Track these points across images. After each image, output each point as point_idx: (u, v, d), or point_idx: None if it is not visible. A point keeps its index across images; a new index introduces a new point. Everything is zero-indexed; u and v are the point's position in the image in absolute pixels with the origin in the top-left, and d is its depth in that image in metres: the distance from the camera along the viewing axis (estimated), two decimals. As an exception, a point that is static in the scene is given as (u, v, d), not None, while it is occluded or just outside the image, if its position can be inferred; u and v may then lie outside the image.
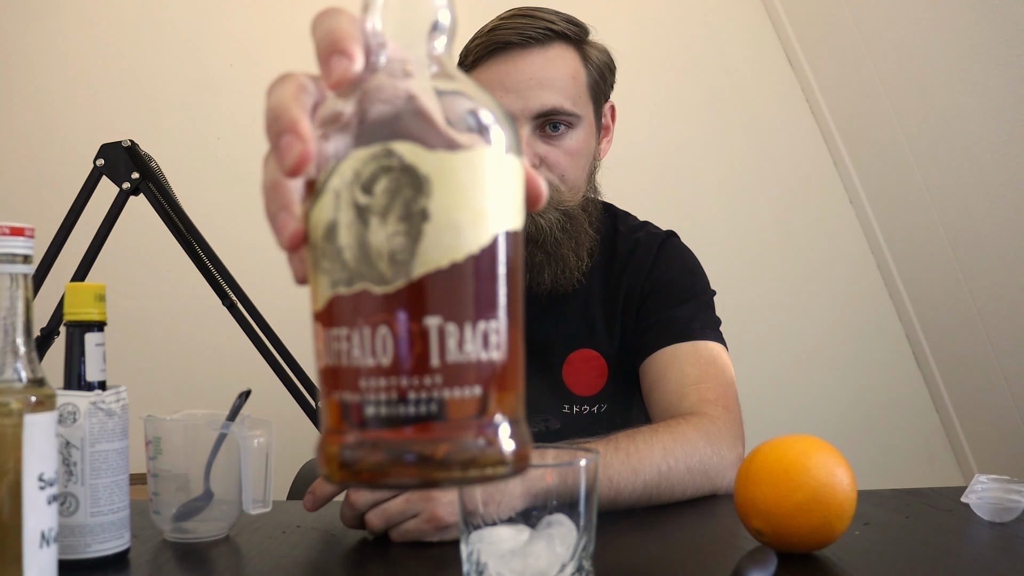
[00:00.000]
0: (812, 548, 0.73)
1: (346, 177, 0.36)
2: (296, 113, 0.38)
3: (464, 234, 0.36)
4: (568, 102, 1.09)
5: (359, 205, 0.36)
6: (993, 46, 1.61)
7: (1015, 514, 0.84)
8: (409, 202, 0.36)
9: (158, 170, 0.90)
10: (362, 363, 0.36)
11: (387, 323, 0.36)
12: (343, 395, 0.37)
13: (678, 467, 0.92)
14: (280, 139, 0.37)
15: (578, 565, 0.59)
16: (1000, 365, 1.87)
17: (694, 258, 1.25)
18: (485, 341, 0.37)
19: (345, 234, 0.36)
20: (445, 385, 0.36)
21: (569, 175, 1.12)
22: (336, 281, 0.37)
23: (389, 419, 0.36)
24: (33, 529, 0.57)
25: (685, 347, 1.11)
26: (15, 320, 0.58)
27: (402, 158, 0.36)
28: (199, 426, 0.79)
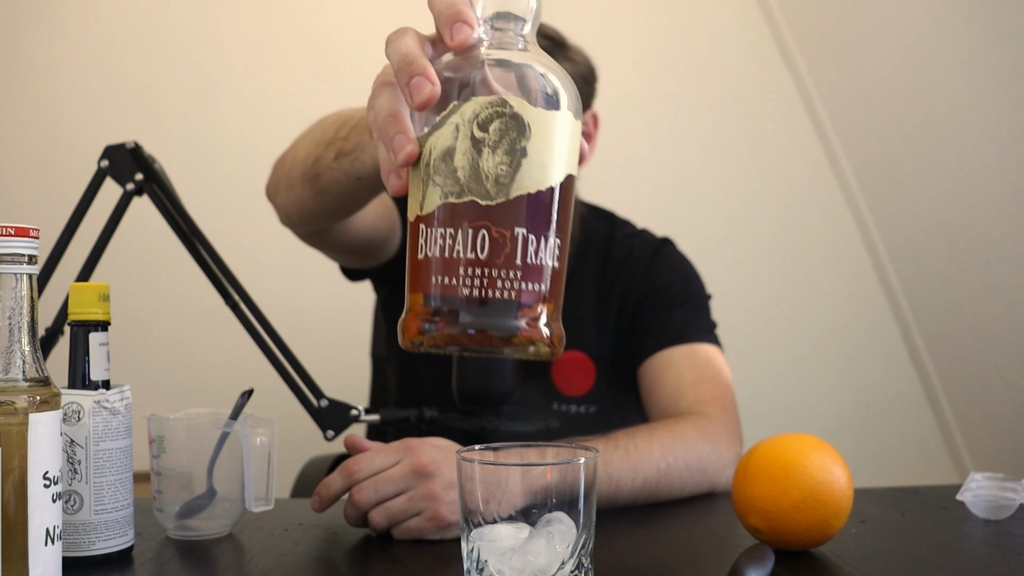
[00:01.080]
0: (809, 545, 0.73)
1: (466, 116, 0.48)
2: (425, 61, 0.48)
3: (548, 171, 0.49)
4: None
5: (475, 138, 0.48)
6: (991, 46, 1.61)
7: (1009, 511, 0.84)
8: (514, 141, 0.48)
9: (162, 171, 0.90)
10: (464, 256, 0.47)
11: (487, 228, 0.47)
12: (442, 279, 0.48)
13: (676, 464, 0.93)
14: (412, 79, 0.48)
15: (577, 563, 0.59)
16: (995, 364, 1.88)
17: (689, 263, 1.26)
18: (551, 252, 0.49)
19: (460, 158, 0.48)
20: (522, 279, 0.48)
21: None
22: (447, 193, 0.48)
23: (480, 299, 0.47)
24: (38, 527, 0.57)
25: (681, 350, 1.12)
26: (20, 320, 0.58)
27: (513, 108, 0.48)
28: (202, 425, 0.80)
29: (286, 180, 0.91)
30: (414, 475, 0.77)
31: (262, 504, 0.80)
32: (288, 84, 2.02)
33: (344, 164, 0.78)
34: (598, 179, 1.26)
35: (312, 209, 0.90)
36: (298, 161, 0.86)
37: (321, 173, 0.82)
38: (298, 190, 0.88)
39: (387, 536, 0.80)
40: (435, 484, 0.76)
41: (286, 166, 0.91)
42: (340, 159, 0.79)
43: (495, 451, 0.64)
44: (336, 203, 0.87)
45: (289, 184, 0.90)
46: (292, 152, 0.91)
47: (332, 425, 0.87)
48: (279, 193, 0.95)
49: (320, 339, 1.70)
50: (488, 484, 0.60)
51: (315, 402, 0.87)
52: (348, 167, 0.78)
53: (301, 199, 0.89)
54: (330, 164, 0.80)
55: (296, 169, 0.87)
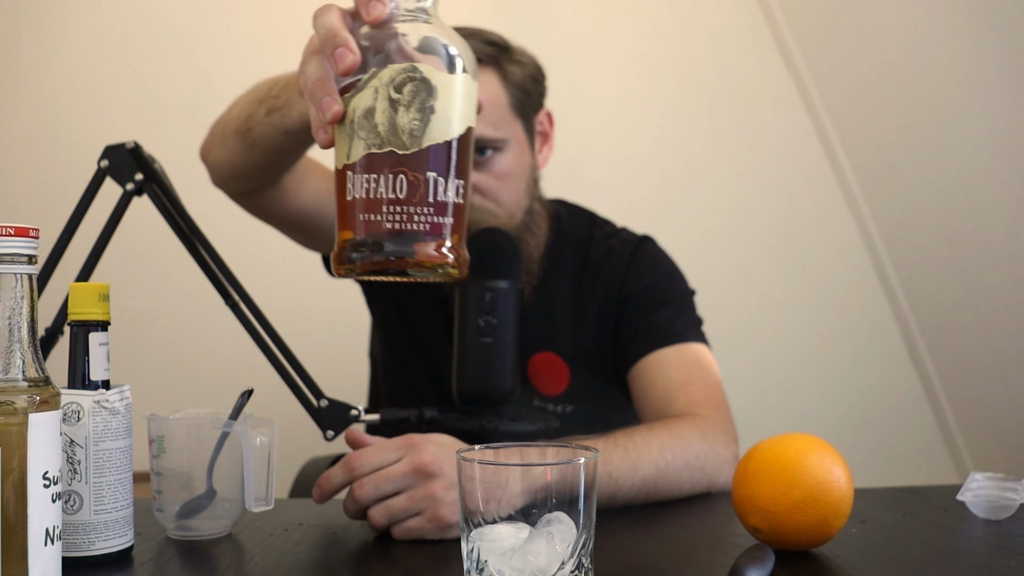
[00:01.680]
0: (809, 546, 0.73)
1: (384, 80, 0.58)
2: (347, 33, 0.59)
3: (452, 124, 0.60)
4: (489, 128, 1.09)
5: (392, 99, 0.58)
6: (991, 46, 1.61)
7: (1010, 511, 0.84)
8: (424, 101, 0.58)
9: (162, 172, 0.90)
10: (385, 196, 0.58)
11: (404, 173, 0.58)
12: (368, 216, 0.59)
13: (675, 463, 0.93)
14: (336, 49, 0.58)
15: (577, 563, 0.59)
16: (996, 364, 1.88)
17: (670, 261, 1.25)
18: (456, 191, 0.60)
19: (380, 116, 0.58)
20: (434, 214, 0.59)
21: (503, 197, 1.12)
22: (370, 145, 0.59)
23: (400, 231, 0.58)
24: (38, 527, 0.57)
25: (669, 352, 1.12)
26: (20, 320, 0.58)
27: (422, 73, 0.59)
28: (202, 425, 0.80)
29: (220, 137, 0.97)
30: (415, 474, 0.77)
31: (262, 504, 0.80)
32: (288, 84, 2.02)
33: (274, 119, 0.86)
34: (597, 179, 1.26)
35: (242, 164, 0.96)
36: (232, 118, 0.94)
37: (253, 128, 0.89)
38: (230, 144, 0.95)
39: (387, 536, 0.80)
40: (436, 485, 0.76)
41: (220, 125, 0.98)
42: (271, 115, 0.86)
43: (495, 451, 0.64)
44: (264, 157, 0.93)
45: (223, 140, 0.96)
46: (228, 112, 0.97)
47: (332, 425, 0.87)
48: (212, 151, 1.01)
49: (320, 339, 1.70)
50: (488, 484, 0.60)
51: (315, 402, 0.87)
52: (278, 122, 0.85)
53: (234, 153, 0.95)
54: (261, 119, 0.88)
55: (230, 126, 0.94)
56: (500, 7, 1.55)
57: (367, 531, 0.84)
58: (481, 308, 0.90)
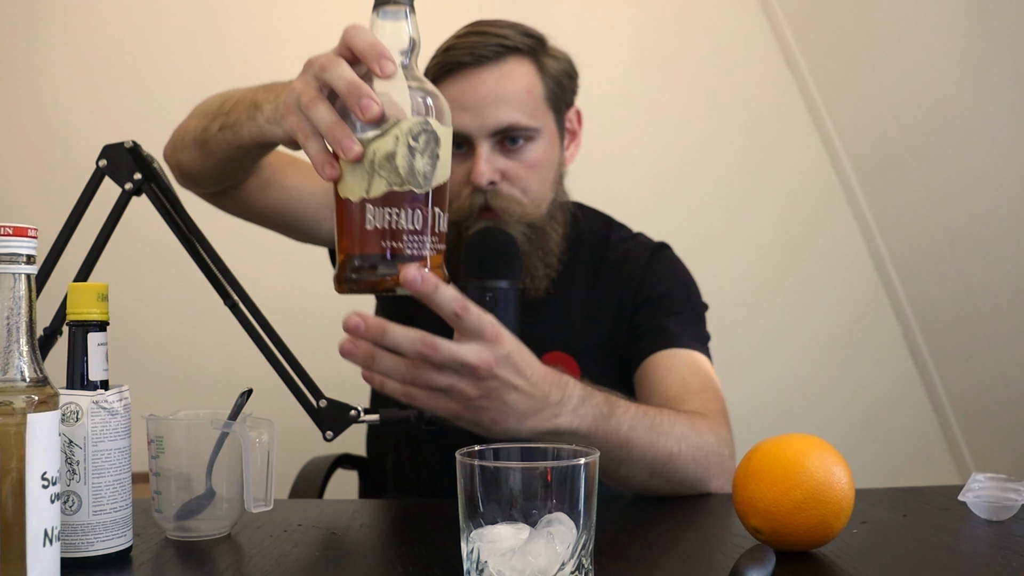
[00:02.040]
0: (810, 546, 0.73)
1: (403, 130, 0.68)
2: (367, 87, 0.68)
3: (447, 168, 0.72)
4: (525, 116, 1.10)
5: (410, 146, 0.68)
6: (992, 46, 1.61)
7: (1012, 512, 0.84)
8: (433, 149, 0.70)
9: (160, 171, 0.90)
10: (405, 227, 0.69)
11: (420, 208, 0.69)
12: (390, 242, 0.69)
13: (687, 454, 0.93)
14: (361, 100, 0.67)
15: (578, 563, 0.59)
16: (997, 364, 1.88)
17: (686, 271, 1.26)
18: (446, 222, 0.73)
19: (400, 160, 0.68)
20: (437, 242, 0.71)
21: (531, 187, 1.13)
22: (392, 183, 0.68)
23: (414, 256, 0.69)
24: (36, 527, 0.57)
25: (684, 355, 1.12)
26: (19, 320, 0.58)
27: (432, 126, 0.70)
28: (201, 425, 0.80)
29: (181, 143, 1.03)
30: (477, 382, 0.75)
31: (261, 505, 0.79)
32: (288, 84, 2.02)
33: (227, 135, 0.91)
34: (598, 178, 1.26)
35: (201, 169, 1.02)
36: (190, 128, 1.00)
37: (208, 140, 0.95)
38: (190, 152, 1.00)
39: (387, 537, 0.79)
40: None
41: (180, 132, 1.04)
42: (223, 131, 0.91)
43: (495, 451, 0.64)
44: (221, 165, 0.99)
45: (183, 146, 1.02)
46: (187, 121, 1.03)
47: (331, 426, 0.87)
48: (175, 154, 1.06)
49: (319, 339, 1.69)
50: (488, 484, 0.59)
51: (314, 402, 0.87)
52: (230, 137, 0.90)
53: (192, 160, 1.01)
54: (215, 134, 0.93)
55: (188, 135, 1.00)
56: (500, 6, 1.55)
57: (367, 532, 0.84)
58: (481, 308, 0.90)
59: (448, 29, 1.18)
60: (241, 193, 1.08)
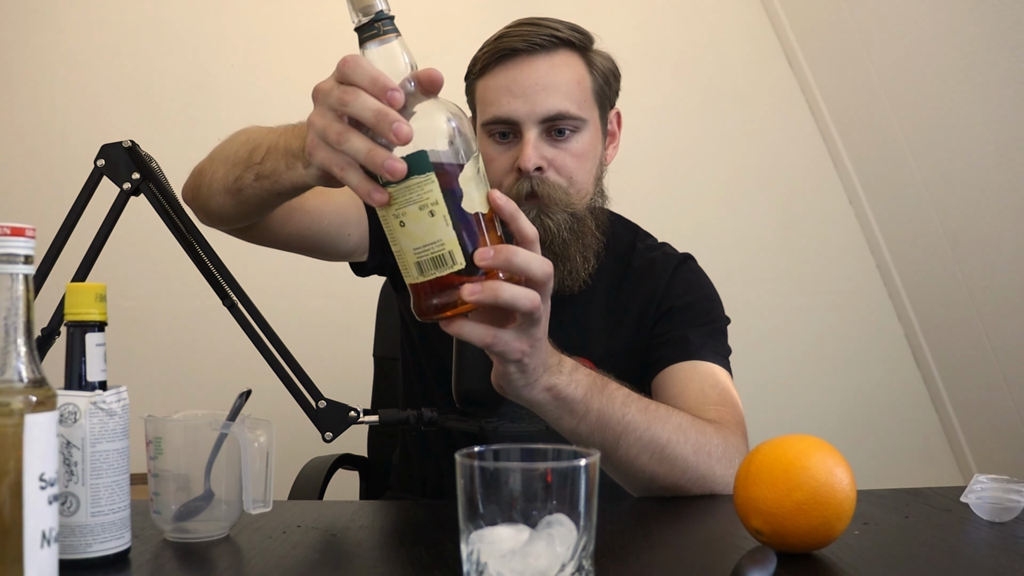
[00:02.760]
0: (812, 548, 0.73)
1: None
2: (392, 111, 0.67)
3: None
4: (574, 106, 1.11)
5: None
6: (993, 46, 1.61)
7: (1014, 514, 0.84)
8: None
9: (159, 170, 0.90)
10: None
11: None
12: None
13: (686, 446, 0.93)
14: (394, 125, 0.66)
15: (578, 565, 0.59)
16: (999, 365, 1.87)
17: (710, 283, 1.27)
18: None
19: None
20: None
21: (576, 177, 1.13)
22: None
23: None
24: (34, 529, 0.57)
25: (704, 367, 1.12)
26: (16, 320, 0.58)
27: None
28: (200, 426, 0.80)
29: (207, 190, 0.97)
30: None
31: (260, 506, 0.79)
32: (285, 83, 2.02)
33: (265, 184, 0.85)
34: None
35: (234, 214, 0.96)
36: (217, 177, 0.93)
37: (242, 188, 0.89)
38: (220, 199, 0.94)
39: (386, 538, 0.79)
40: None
41: (206, 178, 0.97)
42: (260, 180, 0.86)
43: (495, 452, 0.63)
44: (257, 209, 0.95)
45: (210, 193, 0.96)
46: (210, 167, 0.97)
47: (331, 427, 0.86)
48: (199, 198, 1.01)
49: (319, 339, 1.70)
50: (488, 485, 0.59)
51: (313, 403, 0.87)
52: (269, 186, 0.85)
53: (224, 206, 0.95)
54: (250, 183, 0.87)
55: (216, 184, 0.94)
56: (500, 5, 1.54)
57: (366, 533, 0.84)
58: None
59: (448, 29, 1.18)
60: (266, 225, 1.06)
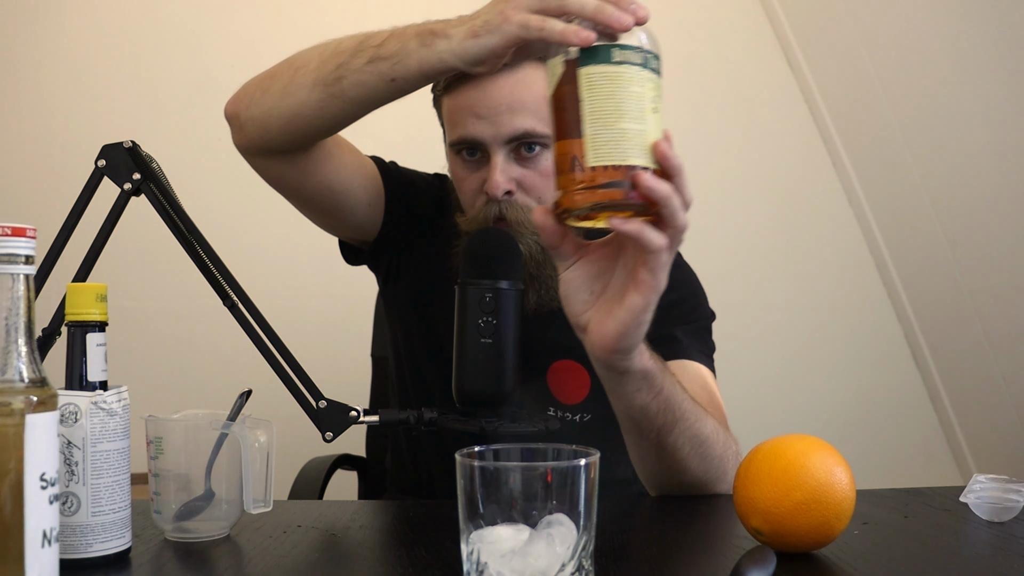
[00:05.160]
0: (811, 547, 0.73)
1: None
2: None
3: None
4: (541, 124, 1.07)
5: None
6: (992, 46, 1.61)
7: (1013, 513, 0.84)
8: None
9: (159, 171, 0.90)
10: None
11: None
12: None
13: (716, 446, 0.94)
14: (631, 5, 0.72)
15: (578, 565, 0.59)
16: (998, 365, 1.87)
17: (695, 278, 1.26)
18: None
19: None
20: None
21: (546, 196, 1.10)
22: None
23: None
24: (35, 529, 0.57)
25: (693, 367, 1.12)
26: (17, 320, 0.58)
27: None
28: (200, 426, 0.80)
29: (278, 92, 0.95)
30: None
31: (260, 506, 0.79)
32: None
33: (381, 67, 0.86)
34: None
35: (308, 115, 0.94)
36: (309, 69, 0.92)
37: (345, 76, 0.89)
38: (300, 95, 0.93)
39: (386, 538, 0.79)
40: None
41: (277, 81, 0.95)
42: (375, 63, 0.86)
43: (495, 452, 0.64)
44: (344, 107, 0.92)
45: (287, 92, 0.94)
46: (286, 69, 0.95)
47: (331, 427, 0.86)
48: (255, 104, 0.98)
49: (319, 340, 1.70)
50: (488, 485, 0.59)
51: (314, 403, 0.87)
52: (386, 69, 0.86)
53: (301, 104, 0.93)
54: (360, 67, 0.87)
55: (307, 76, 0.92)
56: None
57: (366, 533, 0.84)
58: (481, 308, 0.90)
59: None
60: (306, 161, 1.03)
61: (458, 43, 0.81)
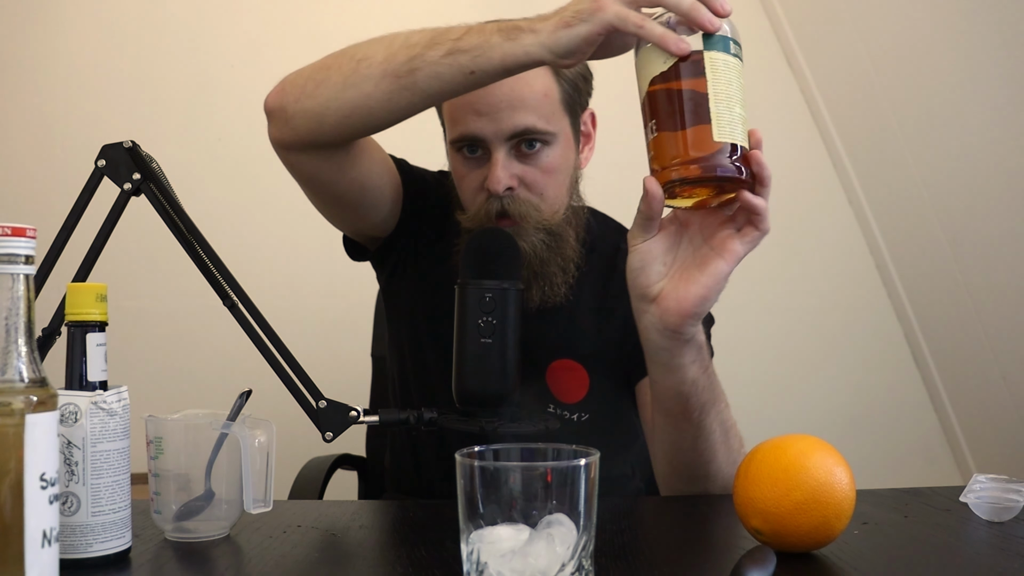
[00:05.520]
0: (811, 547, 0.73)
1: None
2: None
3: None
4: (542, 121, 1.08)
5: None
6: (992, 46, 1.61)
7: (1013, 513, 0.84)
8: None
9: (159, 171, 0.90)
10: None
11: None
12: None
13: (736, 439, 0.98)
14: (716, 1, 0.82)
15: (578, 565, 0.59)
16: (998, 365, 1.87)
17: None
18: None
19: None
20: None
21: (548, 193, 1.11)
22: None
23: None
24: (35, 529, 0.57)
25: None
26: (17, 320, 0.58)
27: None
28: (200, 426, 0.80)
29: (342, 80, 0.94)
30: None
31: (260, 506, 0.79)
32: (287, 84, 2.02)
33: (460, 59, 0.87)
34: (597, 179, 1.25)
35: (372, 106, 0.93)
36: (376, 60, 0.92)
37: (420, 68, 0.89)
38: (365, 87, 0.92)
39: (386, 538, 0.79)
40: None
41: (343, 69, 0.94)
42: (453, 55, 0.88)
43: (495, 451, 0.64)
44: (411, 99, 0.92)
45: (350, 83, 0.93)
46: (350, 59, 0.94)
47: (331, 426, 0.86)
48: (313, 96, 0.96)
49: (319, 340, 1.70)
50: (488, 485, 0.59)
51: (314, 403, 0.87)
52: (466, 61, 0.87)
53: (366, 96, 0.93)
54: (437, 59, 0.88)
55: (374, 67, 0.91)
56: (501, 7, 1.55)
57: (366, 533, 0.84)
58: (481, 308, 0.90)
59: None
60: (344, 156, 1.03)
61: (548, 35, 0.83)
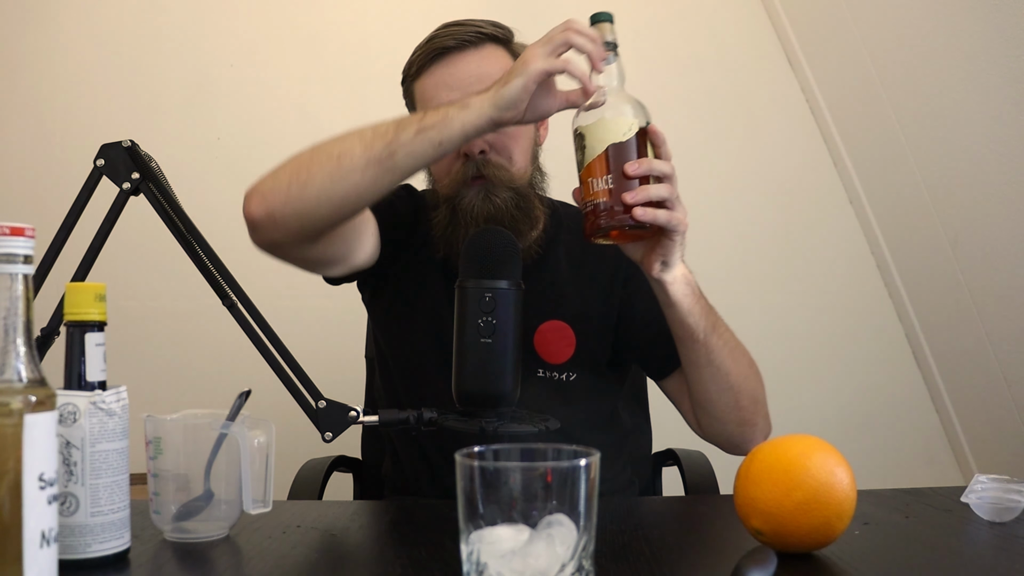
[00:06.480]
0: (812, 548, 0.73)
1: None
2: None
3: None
4: None
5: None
6: (993, 46, 1.61)
7: (1014, 514, 0.84)
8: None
9: (158, 170, 0.90)
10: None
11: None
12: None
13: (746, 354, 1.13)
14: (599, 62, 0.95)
15: (578, 565, 0.59)
16: (1000, 365, 1.87)
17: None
18: None
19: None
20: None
21: (515, 156, 1.20)
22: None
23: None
24: (33, 529, 0.57)
25: None
26: (16, 320, 0.58)
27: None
28: (199, 426, 0.79)
29: (328, 177, 0.98)
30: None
31: (259, 506, 0.79)
32: (284, 83, 2.02)
33: (430, 135, 0.96)
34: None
35: (361, 192, 0.99)
36: (355, 153, 0.98)
37: (397, 150, 0.97)
38: (353, 178, 0.98)
39: (386, 538, 0.79)
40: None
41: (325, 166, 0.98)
42: (423, 133, 0.96)
43: (495, 452, 0.63)
44: (392, 179, 1.00)
45: (337, 177, 0.98)
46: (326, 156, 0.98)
47: (330, 427, 0.86)
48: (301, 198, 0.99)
49: (318, 340, 1.69)
50: (488, 485, 0.59)
51: (313, 403, 0.87)
52: (434, 136, 0.96)
53: (355, 184, 0.98)
54: (410, 139, 0.96)
55: (355, 159, 0.98)
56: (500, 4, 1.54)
57: (366, 533, 0.84)
58: (481, 308, 0.90)
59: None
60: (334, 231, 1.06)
61: (492, 94, 0.94)
